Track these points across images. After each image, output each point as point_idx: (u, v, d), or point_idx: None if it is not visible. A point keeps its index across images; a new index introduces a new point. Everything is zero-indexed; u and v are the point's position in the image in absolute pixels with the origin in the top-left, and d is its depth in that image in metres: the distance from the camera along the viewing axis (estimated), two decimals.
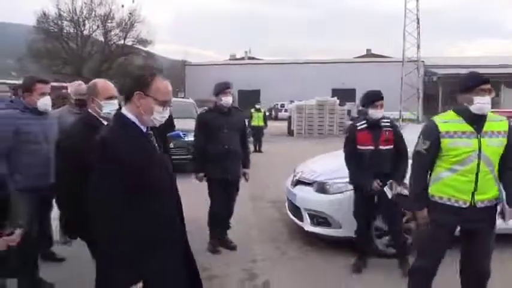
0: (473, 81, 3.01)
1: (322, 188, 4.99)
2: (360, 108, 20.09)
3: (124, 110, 2.12)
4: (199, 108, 9.88)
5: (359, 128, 4.35)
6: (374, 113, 4.26)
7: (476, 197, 2.99)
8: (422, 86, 38.70)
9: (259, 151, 15.30)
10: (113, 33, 35.82)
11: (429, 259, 3.18)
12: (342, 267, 4.50)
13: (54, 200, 4.36)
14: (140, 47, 37.37)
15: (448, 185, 3.05)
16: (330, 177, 4.98)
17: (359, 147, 4.29)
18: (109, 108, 2.88)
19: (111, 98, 2.92)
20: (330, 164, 5.49)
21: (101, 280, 2.11)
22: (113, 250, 1.94)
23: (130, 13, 34.91)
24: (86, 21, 34.88)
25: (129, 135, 2.06)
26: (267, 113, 18.82)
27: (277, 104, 39.20)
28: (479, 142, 2.95)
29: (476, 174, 2.96)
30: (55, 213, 4.47)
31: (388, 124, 4.33)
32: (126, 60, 37.37)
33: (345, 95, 34.53)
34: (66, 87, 5.11)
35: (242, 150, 4.97)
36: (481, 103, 2.95)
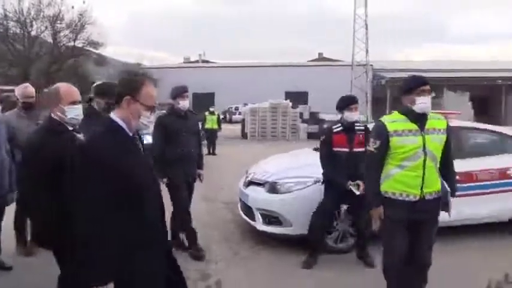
0: (414, 83, 3.26)
1: (273, 188, 5.14)
2: (312, 111, 20.37)
3: (113, 115, 2.18)
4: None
5: (335, 130, 4.54)
6: (349, 115, 4.47)
7: (425, 190, 3.23)
8: (371, 89, 40.15)
9: (213, 154, 15.34)
10: (62, 34, 34.53)
11: (393, 255, 3.35)
12: (293, 265, 4.66)
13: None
14: (91, 49, 36.27)
15: (399, 180, 3.27)
16: (280, 177, 5.14)
17: (334, 149, 4.48)
18: (73, 113, 2.82)
19: (74, 102, 2.85)
20: (281, 165, 5.67)
21: (67, 278, 2.17)
22: (90, 251, 1.97)
23: (80, 14, 33.76)
24: (34, 22, 33.48)
25: (117, 139, 2.11)
26: (221, 116, 18.87)
27: (232, 107, 39.28)
28: (424, 139, 3.20)
29: (423, 169, 3.20)
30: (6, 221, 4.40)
31: (362, 127, 4.56)
32: (77, 62, 36.19)
33: (297, 97, 35.11)
34: (14, 90, 4.98)
35: (197, 152, 5.03)
36: (422, 103, 3.20)
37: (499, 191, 5.42)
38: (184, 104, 4.81)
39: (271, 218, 5.06)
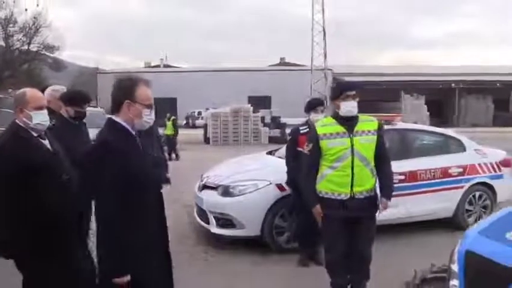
0: (339, 90, 3.50)
1: (226, 191, 5.22)
2: (273, 115, 20.54)
3: (116, 118, 2.34)
4: None
5: (301, 132, 4.68)
6: (315, 117, 4.59)
7: (355, 189, 3.40)
8: (330, 93, 40.99)
9: (177, 159, 15.29)
10: (15, 38, 33.49)
11: (333, 252, 3.52)
12: (248, 264, 4.76)
13: None
14: (47, 53, 35.30)
15: (330, 180, 3.45)
16: (233, 181, 5.23)
17: (299, 148, 4.58)
18: (39, 118, 2.75)
19: (41, 108, 2.78)
20: (234, 168, 5.77)
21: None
22: (107, 246, 2.19)
23: (34, 17, 32.87)
24: None
25: (123, 138, 2.30)
26: (184, 122, 18.78)
27: (194, 112, 39.10)
28: (352, 140, 3.39)
29: (352, 169, 3.38)
30: None
31: None
32: (31, 67, 35.15)
33: (260, 102, 35.43)
34: None
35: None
36: (346, 107, 3.41)
37: (442, 189, 5.73)
38: None
39: (224, 221, 5.14)
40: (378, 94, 34.36)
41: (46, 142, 2.82)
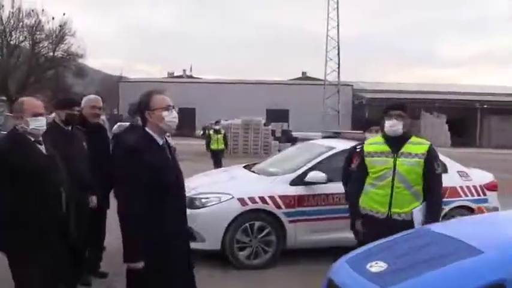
0: (385, 108, 3.53)
1: (191, 202, 5.14)
2: (284, 128, 20.54)
3: (146, 129, 2.67)
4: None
5: (357, 150, 4.57)
6: (370, 136, 4.49)
7: (393, 210, 3.38)
8: (351, 108, 40.66)
9: None
10: (41, 45, 34.50)
11: None
12: (205, 278, 4.67)
13: None
14: (71, 60, 36.20)
15: (371, 197, 3.50)
16: (196, 193, 5.16)
17: (351, 167, 4.53)
18: (35, 124, 2.97)
19: (37, 114, 3.00)
20: (202, 181, 5.70)
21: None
22: (126, 233, 2.53)
23: (60, 25, 33.81)
24: (13, 32, 33.39)
25: (148, 144, 2.61)
26: (201, 132, 18.86)
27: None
28: (395, 161, 3.37)
29: (391, 189, 3.37)
30: None
31: None
32: (56, 73, 36.08)
33: (278, 115, 35.38)
34: None
35: None
36: (388, 126, 3.43)
37: None
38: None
39: None
40: None
41: (42, 147, 3.03)
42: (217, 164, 12.98)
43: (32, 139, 3.00)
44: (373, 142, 3.59)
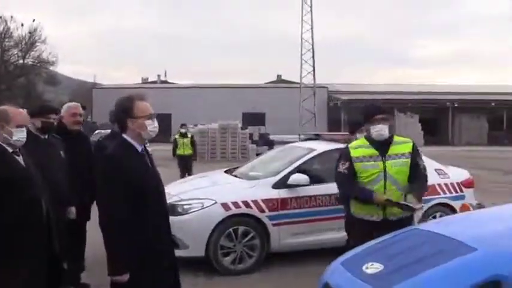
0: (369, 113, 3.50)
1: (172, 209, 5.06)
2: (261, 132, 20.41)
3: (125, 136, 2.61)
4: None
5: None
6: (359, 136, 4.45)
7: (387, 212, 3.40)
8: (327, 110, 41.06)
9: None
10: (10, 52, 33.68)
11: None
12: (189, 285, 4.60)
13: None
14: (42, 67, 35.47)
15: (365, 203, 3.46)
16: (178, 199, 5.09)
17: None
18: (19, 135, 2.89)
19: (22, 126, 2.93)
20: (183, 187, 5.64)
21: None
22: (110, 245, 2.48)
23: (30, 32, 33.08)
24: None
25: (129, 153, 2.57)
26: (176, 136, 18.28)
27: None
28: (384, 164, 3.39)
29: (384, 192, 3.37)
30: None
31: None
32: (27, 81, 35.27)
33: (255, 118, 35.40)
34: None
35: None
36: (377, 131, 3.41)
37: None
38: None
39: None
40: None
41: (20, 158, 2.94)
42: (186, 171, 11.81)
43: (11, 150, 2.90)
44: (358, 146, 3.56)
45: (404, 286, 1.82)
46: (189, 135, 12.09)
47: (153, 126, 2.64)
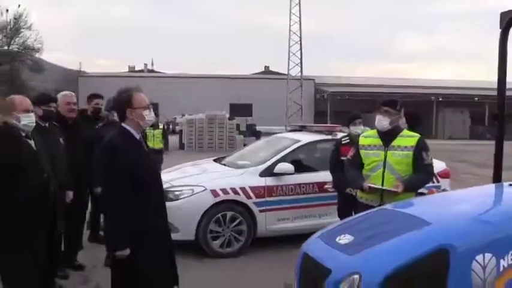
0: (379, 103, 3.75)
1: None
2: (248, 123, 20.45)
3: (125, 125, 2.85)
4: None
5: (343, 142, 5.02)
6: (354, 129, 4.96)
7: (384, 199, 3.61)
8: (314, 102, 41.45)
9: None
10: None
11: None
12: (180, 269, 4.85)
13: None
14: (27, 54, 35.02)
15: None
16: (169, 186, 5.33)
17: (342, 157, 4.78)
18: (27, 120, 3.17)
19: (28, 111, 3.21)
20: (174, 175, 5.88)
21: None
22: (111, 224, 2.75)
23: (15, 18, 32.62)
24: None
25: (129, 141, 2.82)
26: (165, 126, 18.11)
27: (176, 118, 38.96)
28: (385, 154, 3.62)
29: (382, 180, 3.62)
30: None
31: None
32: (12, 67, 34.80)
33: (242, 109, 35.60)
34: None
35: None
36: (376, 120, 3.69)
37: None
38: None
39: None
40: (354, 105, 34.80)
41: (31, 142, 3.22)
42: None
43: (23, 134, 3.12)
44: (368, 135, 3.84)
45: (368, 252, 2.16)
46: (161, 126, 10.45)
47: (150, 116, 2.91)
